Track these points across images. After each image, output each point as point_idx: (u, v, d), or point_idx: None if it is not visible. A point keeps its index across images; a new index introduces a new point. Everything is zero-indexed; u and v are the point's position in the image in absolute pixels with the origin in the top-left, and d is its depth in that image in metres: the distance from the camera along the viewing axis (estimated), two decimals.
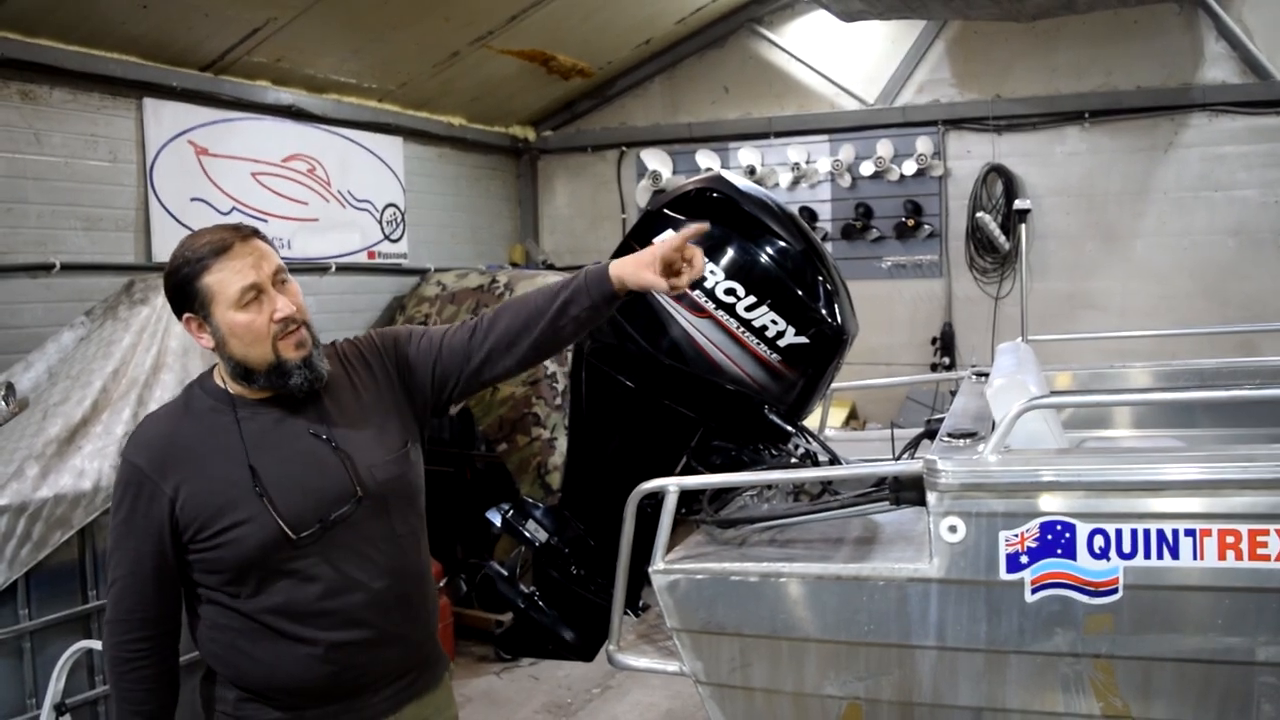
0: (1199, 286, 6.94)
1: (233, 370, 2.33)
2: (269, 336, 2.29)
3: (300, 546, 2.29)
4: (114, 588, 2.32)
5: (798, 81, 7.97)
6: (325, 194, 6.85)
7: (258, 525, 2.26)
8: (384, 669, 2.42)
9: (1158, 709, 2.49)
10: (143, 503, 2.28)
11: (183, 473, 2.28)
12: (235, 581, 2.30)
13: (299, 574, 2.31)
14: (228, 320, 2.28)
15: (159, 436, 2.35)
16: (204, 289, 2.27)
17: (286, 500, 2.29)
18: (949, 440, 2.75)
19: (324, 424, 2.39)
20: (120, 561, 2.31)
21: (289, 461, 2.34)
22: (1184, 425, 4.12)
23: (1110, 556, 2.43)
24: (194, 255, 2.29)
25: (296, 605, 2.31)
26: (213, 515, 2.27)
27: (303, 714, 2.36)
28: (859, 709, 2.69)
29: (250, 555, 2.27)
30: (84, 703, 3.96)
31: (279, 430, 2.36)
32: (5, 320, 5.09)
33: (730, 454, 3.39)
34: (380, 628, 2.38)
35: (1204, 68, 6.85)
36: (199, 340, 2.34)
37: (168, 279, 2.34)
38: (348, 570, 2.35)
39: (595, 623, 3.65)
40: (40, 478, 3.83)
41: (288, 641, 2.31)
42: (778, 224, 3.40)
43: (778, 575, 2.67)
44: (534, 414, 6.21)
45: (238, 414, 2.34)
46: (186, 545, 2.29)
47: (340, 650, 2.33)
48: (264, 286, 2.29)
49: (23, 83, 5.19)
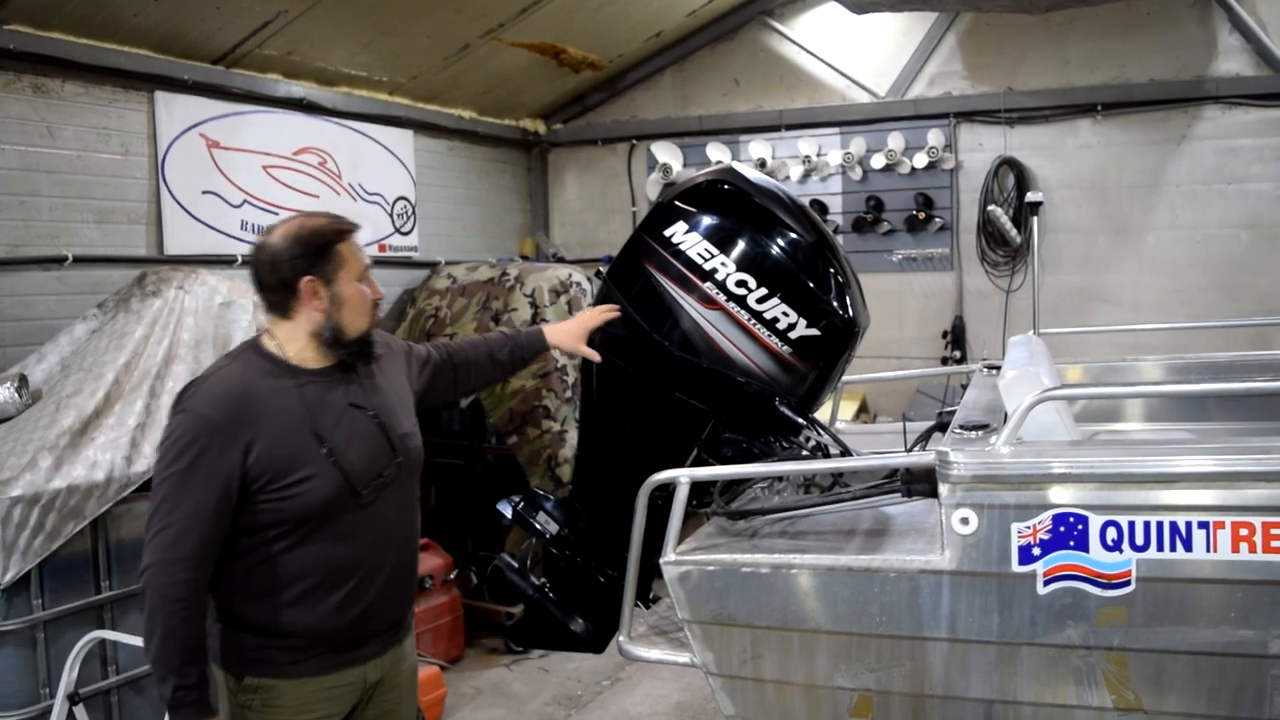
0: (1212, 280, 6.90)
1: (328, 336, 2.65)
2: (367, 312, 2.72)
3: (360, 502, 2.63)
4: (169, 530, 2.48)
5: (809, 74, 7.95)
6: (336, 187, 6.86)
7: (326, 480, 2.57)
8: (384, 622, 2.78)
9: (1170, 702, 2.49)
10: (212, 453, 2.48)
11: (255, 428, 2.52)
12: (286, 534, 2.57)
13: (344, 531, 2.62)
14: (349, 288, 2.66)
15: (229, 393, 2.55)
16: (339, 254, 2.65)
17: (346, 460, 2.61)
18: (961, 432, 2.74)
19: (361, 396, 2.73)
20: (180, 506, 2.48)
21: (344, 428, 2.65)
22: (1196, 419, 4.11)
23: (1123, 549, 2.43)
24: (328, 226, 2.66)
25: (336, 562, 2.62)
26: (283, 469, 2.53)
27: (311, 660, 2.65)
28: (870, 701, 2.69)
29: (314, 507, 2.56)
30: (97, 693, 3.98)
31: (329, 398, 2.67)
32: (18, 312, 5.11)
33: (741, 446, 3.38)
34: (396, 582, 2.77)
35: (1218, 60, 6.81)
36: (311, 304, 2.62)
37: (302, 240, 2.62)
38: (386, 529, 2.71)
39: (606, 615, 3.65)
40: (53, 469, 3.85)
41: (318, 594, 2.61)
42: (789, 216, 3.38)
43: (789, 567, 2.67)
44: (544, 407, 6.22)
45: (298, 381, 2.64)
46: (252, 495, 2.53)
47: (362, 606, 2.67)
48: (369, 269, 2.75)
49: (35, 76, 5.21)
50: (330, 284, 2.64)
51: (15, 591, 3.77)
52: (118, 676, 4.08)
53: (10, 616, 3.77)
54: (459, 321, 6.60)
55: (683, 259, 3.31)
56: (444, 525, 6.51)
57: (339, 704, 2.73)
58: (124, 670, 4.10)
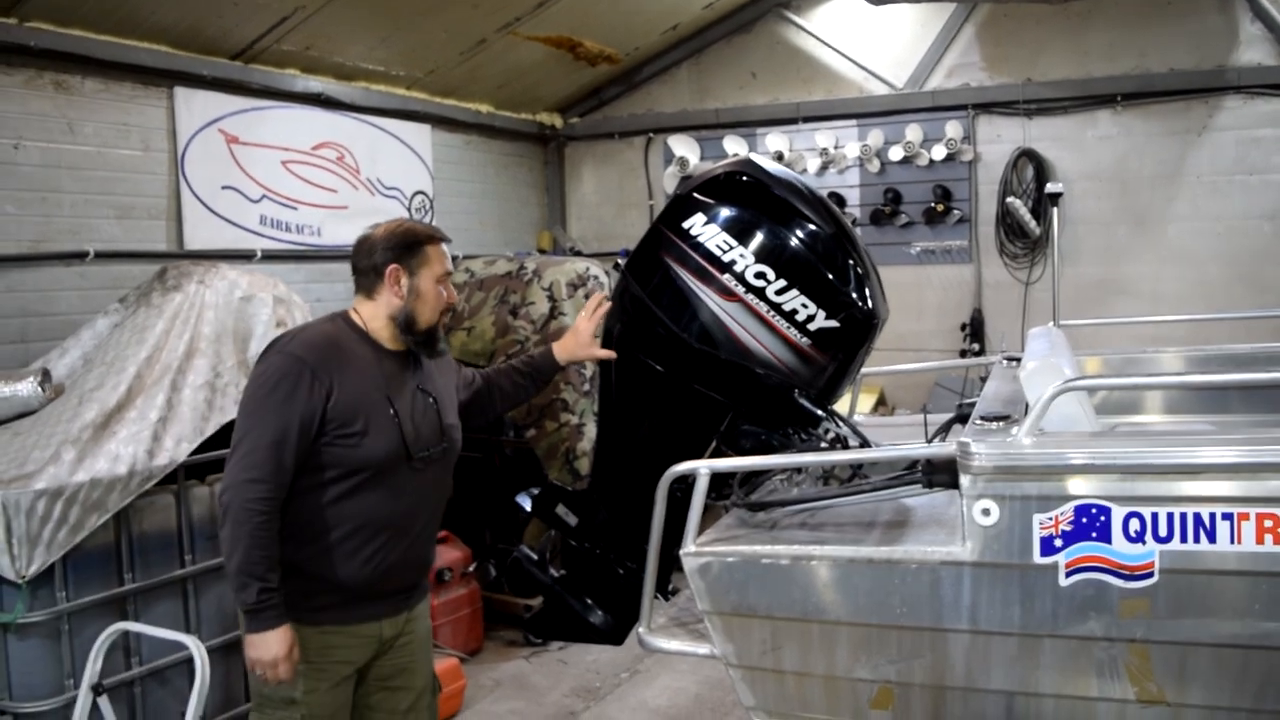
0: (1233, 271, 6.86)
1: (402, 321, 3.04)
2: (438, 310, 3.09)
3: (409, 465, 3.00)
4: (255, 453, 2.82)
5: (826, 66, 7.93)
6: (354, 182, 6.88)
7: (388, 437, 2.94)
8: (401, 583, 3.10)
9: (1193, 694, 2.47)
10: (303, 388, 2.85)
11: (339, 375, 2.90)
12: (340, 480, 2.91)
13: (389, 491, 2.97)
14: (427, 285, 3.06)
15: (321, 343, 2.96)
16: (425, 253, 3.06)
17: (409, 427, 2.99)
18: (982, 423, 2.73)
19: (427, 383, 3.14)
20: (268, 430, 2.82)
21: (410, 402, 3.05)
22: (1218, 411, 4.07)
23: (1146, 540, 2.41)
24: (423, 230, 3.12)
25: (375, 516, 2.96)
26: (354, 416, 2.90)
27: (330, 611, 2.97)
28: (890, 692, 2.68)
29: (372, 460, 2.92)
30: (120, 684, 4.01)
31: (403, 378, 3.07)
32: (41, 308, 5.15)
33: (760, 438, 3.37)
34: (418, 548, 3.12)
35: (1239, 50, 6.77)
36: (392, 289, 3.03)
37: (398, 235, 3.05)
38: (421, 497, 3.08)
39: (625, 607, 3.65)
40: (76, 462, 3.87)
41: (351, 543, 2.93)
42: (808, 207, 3.37)
43: (809, 558, 2.66)
44: (562, 400, 6.22)
45: (378, 353, 3.04)
46: (325, 432, 2.88)
47: (387, 564, 2.99)
48: (450, 277, 3.14)
49: (56, 73, 5.24)
50: (412, 276, 3.04)
51: (39, 584, 3.79)
52: (141, 668, 4.10)
53: (35, 609, 3.80)
54: (477, 315, 6.61)
55: (701, 251, 3.30)
56: (463, 518, 6.52)
57: (355, 654, 3.05)
58: (147, 662, 4.12)
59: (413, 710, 3.25)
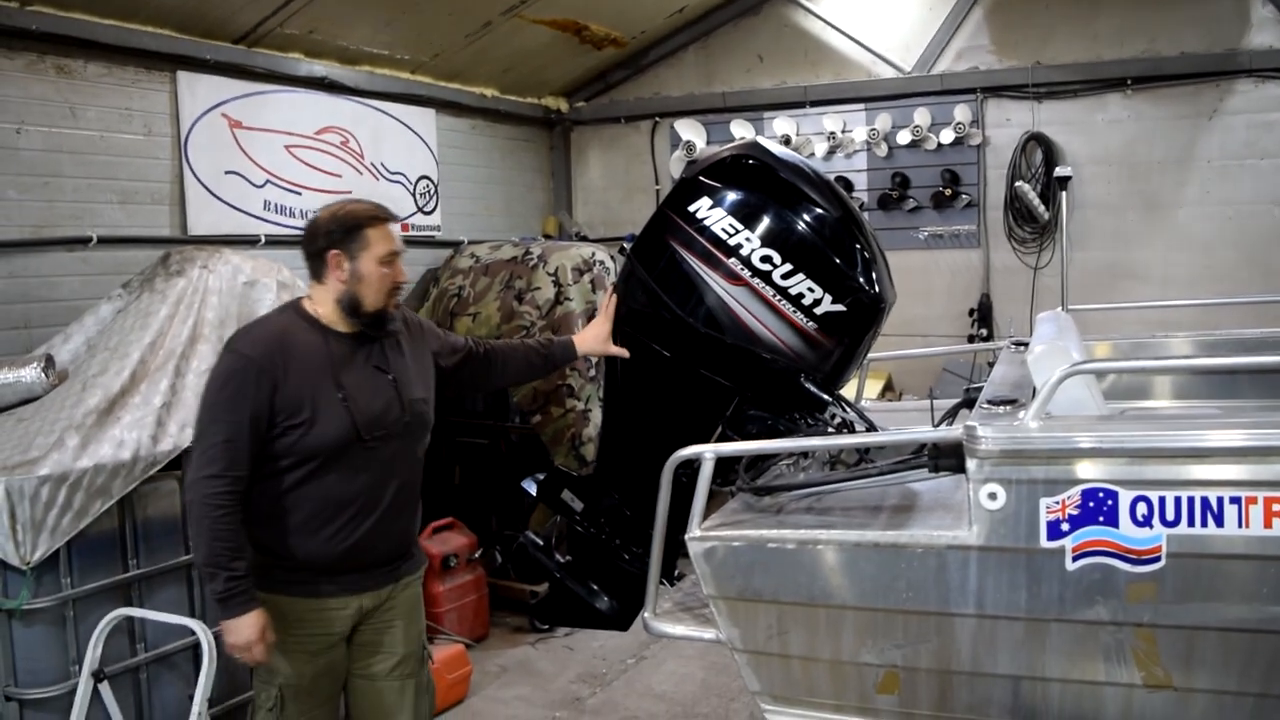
0: (1243, 256, 6.81)
1: (346, 304, 3.07)
2: (387, 291, 3.11)
3: (362, 446, 3.03)
4: (211, 450, 2.93)
5: (833, 49, 7.87)
6: (358, 166, 6.85)
7: (337, 422, 2.99)
8: (375, 559, 3.16)
9: (1200, 679, 2.46)
10: (250, 385, 2.93)
11: (285, 368, 2.96)
12: (297, 466, 2.99)
13: (349, 470, 3.03)
14: (369, 268, 3.06)
15: (268, 338, 3.04)
16: (365, 236, 3.06)
17: (359, 408, 3.02)
18: (989, 407, 2.71)
19: (385, 363, 3.16)
20: (222, 429, 2.92)
21: (361, 382, 3.07)
22: (1226, 396, 4.04)
23: (1153, 524, 2.39)
24: (364, 211, 3.11)
25: (334, 497, 3.02)
26: (303, 405, 2.96)
27: (306, 584, 3.07)
28: (896, 677, 2.67)
29: (323, 445, 2.98)
30: (125, 670, 4.01)
31: (354, 358, 3.10)
32: (44, 293, 5.14)
33: (766, 423, 3.36)
34: (386, 526, 3.14)
35: (1250, 33, 6.70)
36: (335, 274, 3.06)
37: (338, 219, 3.08)
38: (382, 475, 3.10)
39: (631, 592, 3.65)
40: (80, 448, 3.86)
41: (314, 523, 3.02)
42: (815, 191, 3.35)
43: (815, 542, 2.65)
44: (568, 385, 6.20)
45: (327, 339, 3.07)
46: (275, 425, 2.95)
47: (354, 540, 3.06)
48: (398, 257, 3.14)
49: (58, 57, 5.21)
50: (353, 260, 3.06)
51: (44, 570, 3.79)
52: (146, 654, 4.10)
53: (40, 595, 3.80)
54: (482, 301, 6.59)
55: (707, 235, 3.29)
56: (468, 504, 6.52)
57: (336, 625, 3.14)
58: (153, 647, 4.12)
59: (394, 674, 3.30)
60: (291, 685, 3.13)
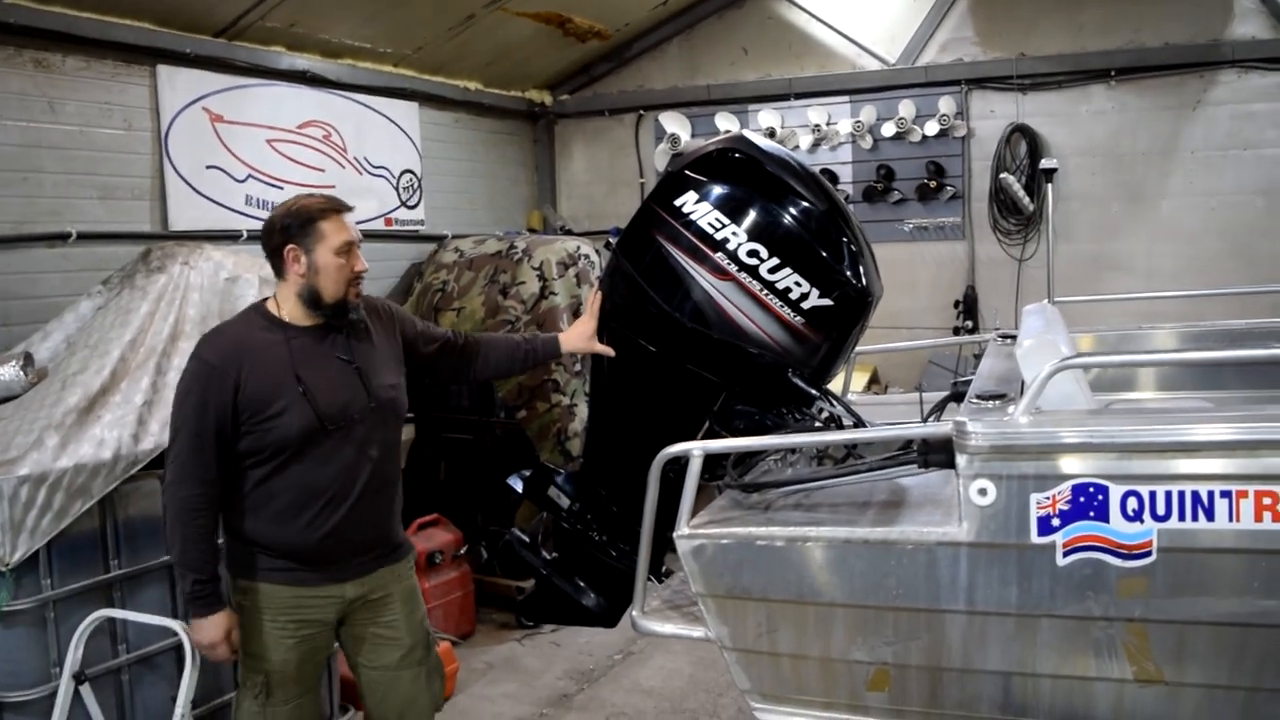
0: (1227, 247, 6.82)
1: (307, 297, 3.14)
2: (345, 281, 3.16)
3: (328, 435, 3.10)
4: (179, 456, 3.06)
5: (818, 42, 7.85)
6: (341, 160, 6.80)
7: (299, 415, 3.06)
8: (354, 547, 3.22)
9: (1192, 673, 2.46)
10: (213, 390, 3.03)
11: (245, 369, 3.05)
12: (268, 459, 3.08)
13: (319, 459, 3.10)
14: (325, 259, 3.12)
15: (227, 342, 3.14)
16: (318, 229, 3.12)
17: (321, 399, 3.09)
18: (978, 402, 2.69)
19: (349, 352, 3.22)
20: (188, 434, 3.05)
21: (323, 373, 3.14)
22: (1212, 387, 4.04)
23: (1144, 519, 2.39)
24: (316, 205, 3.17)
25: (306, 486, 3.11)
26: (264, 403, 3.05)
27: (288, 572, 3.16)
28: (887, 674, 2.66)
29: (289, 437, 3.06)
30: (107, 671, 3.96)
31: (316, 350, 3.17)
32: (23, 290, 5.08)
33: (754, 418, 3.34)
34: (362, 513, 3.20)
35: (1233, 23, 6.70)
36: (291, 268, 3.14)
37: (291, 214, 3.15)
38: (353, 461, 3.16)
39: (618, 589, 3.63)
40: (60, 447, 3.81)
41: (290, 512, 3.11)
42: (801, 184, 3.33)
43: (804, 539, 2.63)
44: (553, 380, 6.18)
45: (287, 335, 3.15)
46: (241, 424, 3.05)
47: (330, 527, 3.13)
48: (354, 246, 3.19)
49: (36, 51, 5.15)
50: (309, 253, 3.12)
51: (24, 571, 3.73)
52: (128, 655, 4.05)
53: (19, 596, 3.74)
54: (466, 295, 6.56)
55: (693, 229, 3.27)
56: (453, 500, 6.49)
57: (318, 613, 3.22)
58: (135, 649, 4.07)
59: (403, 664, 3.40)
60: (276, 672, 3.21)
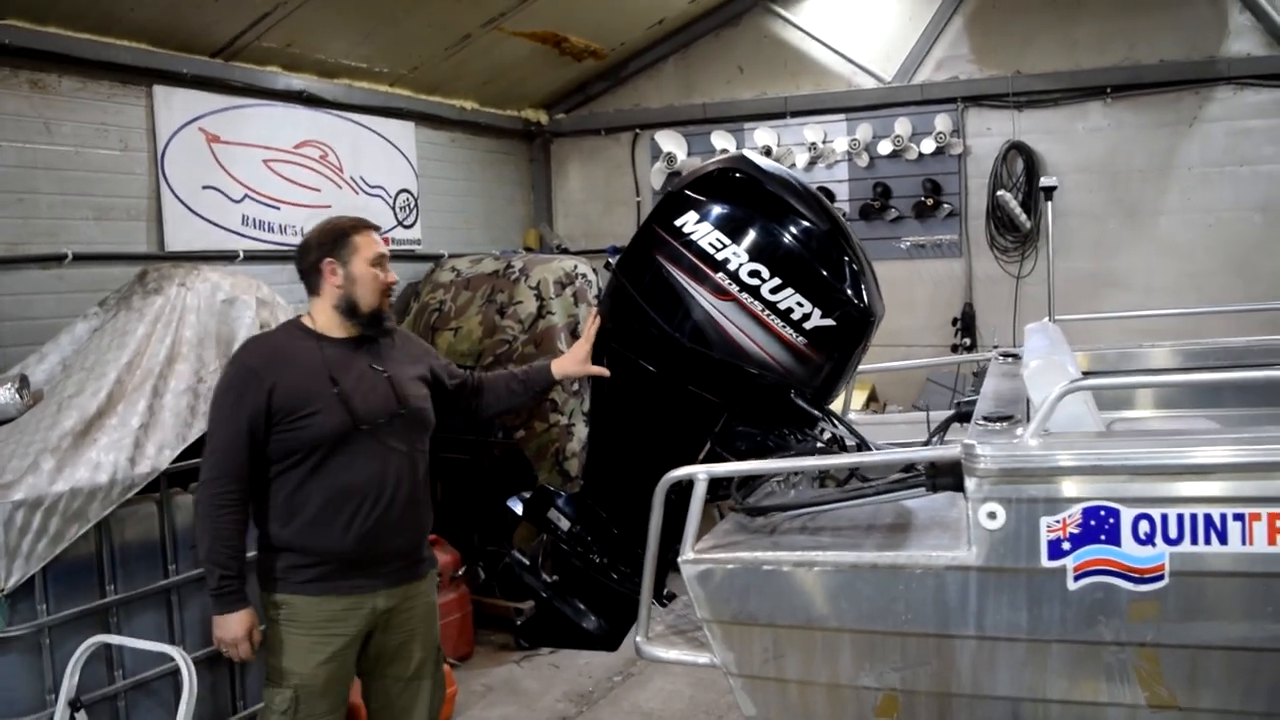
0: (1224, 263, 6.82)
1: (344, 307, 3.31)
2: (379, 291, 3.35)
3: (361, 436, 3.22)
4: (215, 454, 3.20)
5: (814, 60, 7.86)
6: (338, 180, 6.79)
7: (334, 414, 3.19)
8: (389, 551, 3.32)
9: (1205, 699, 2.43)
10: (250, 392, 3.17)
11: (280, 373, 3.20)
12: (302, 460, 3.19)
13: (351, 461, 3.22)
14: (361, 269, 3.31)
15: (262, 349, 3.34)
16: (353, 243, 3.32)
17: (355, 400, 3.23)
18: (985, 424, 2.67)
19: (380, 362, 3.38)
20: (225, 433, 3.19)
21: (356, 378, 3.29)
22: (1211, 405, 4.03)
23: (1156, 542, 2.37)
24: (348, 222, 3.40)
25: (342, 485, 3.21)
26: (300, 403, 3.18)
27: (325, 580, 3.23)
28: (895, 700, 2.63)
29: (324, 434, 3.18)
30: (103, 698, 3.92)
31: (350, 358, 3.32)
32: (18, 312, 5.05)
33: (755, 440, 3.31)
34: (395, 517, 3.30)
35: (1228, 40, 6.73)
36: (328, 280, 3.31)
37: (326, 231, 3.36)
38: (385, 465, 3.28)
39: (619, 612, 3.60)
40: (56, 471, 3.77)
41: (328, 513, 3.21)
42: (802, 203, 3.32)
43: (811, 564, 2.61)
44: (551, 400, 6.15)
45: (322, 344, 3.31)
46: (275, 425, 3.18)
47: (366, 528, 3.23)
48: (385, 259, 3.39)
49: (32, 71, 5.13)
50: (346, 265, 3.30)
51: (19, 597, 3.69)
52: (125, 681, 4.00)
53: (15, 622, 3.70)
54: (463, 315, 6.53)
55: (694, 249, 3.25)
56: (451, 521, 6.44)
57: (351, 625, 3.29)
58: (131, 674, 4.03)
59: (415, 678, 3.52)
60: (305, 686, 3.25)
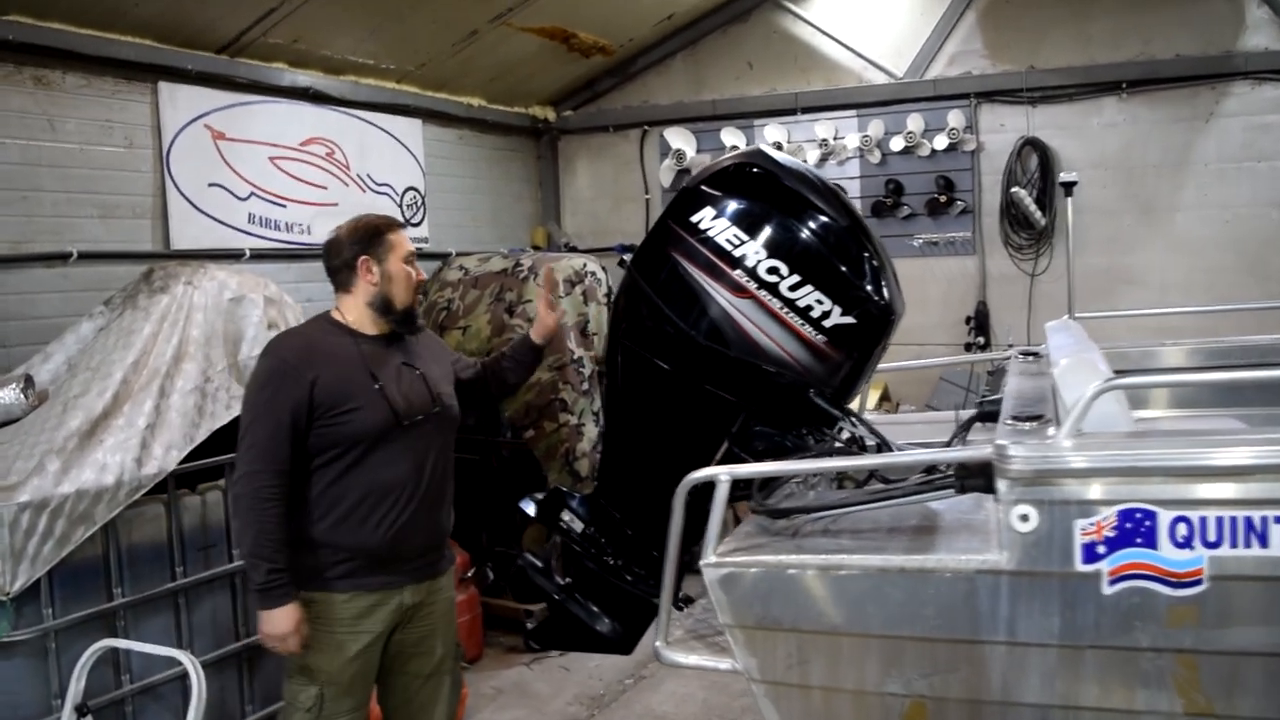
0: (1241, 260, 6.75)
1: (379, 305, 3.32)
2: (410, 288, 3.37)
3: (401, 432, 3.24)
4: (255, 448, 3.15)
5: (824, 55, 7.79)
6: (344, 178, 6.73)
7: (375, 410, 3.21)
8: (417, 547, 3.36)
9: (1244, 706, 2.35)
10: (288, 385, 3.16)
11: (319, 368, 3.19)
12: (341, 455, 3.20)
13: (389, 457, 3.24)
14: (396, 267, 3.33)
15: (300, 343, 3.32)
16: (388, 241, 3.34)
17: (395, 396, 3.26)
18: (1015, 424, 2.60)
19: (413, 360, 3.40)
20: (264, 426, 3.15)
21: (393, 374, 3.31)
22: (1231, 404, 3.95)
23: (1194, 545, 2.29)
24: (380, 221, 3.40)
25: (380, 481, 3.23)
26: (340, 399, 3.18)
27: (357, 577, 3.25)
28: (924, 708, 2.56)
29: (366, 429, 3.19)
30: (110, 703, 3.86)
31: (385, 355, 3.34)
32: (23, 311, 5.00)
33: (773, 440, 3.24)
34: (425, 513, 3.34)
35: (1245, 34, 6.65)
36: (365, 278, 3.31)
37: (360, 229, 3.34)
38: (419, 461, 3.31)
39: (634, 614, 3.54)
40: (61, 473, 3.72)
41: (363, 509, 3.22)
42: (820, 199, 3.25)
43: (838, 568, 2.53)
44: (561, 400, 6.10)
45: (356, 340, 3.31)
46: (316, 419, 3.17)
47: (399, 525, 3.25)
48: (415, 257, 3.41)
49: (36, 68, 5.08)
50: (381, 263, 3.31)
51: (25, 600, 3.64)
52: (132, 685, 3.95)
53: (20, 626, 3.65)
54: (472, 314, 6.47)
55: (710, 245, 3.18)
56: (460, 521, 6.32)
57: (378, 622, 3.29)
58: (139, 679, 3.97)
59: (435, 674, 3.52)
60: (332, 684, 3.26)
